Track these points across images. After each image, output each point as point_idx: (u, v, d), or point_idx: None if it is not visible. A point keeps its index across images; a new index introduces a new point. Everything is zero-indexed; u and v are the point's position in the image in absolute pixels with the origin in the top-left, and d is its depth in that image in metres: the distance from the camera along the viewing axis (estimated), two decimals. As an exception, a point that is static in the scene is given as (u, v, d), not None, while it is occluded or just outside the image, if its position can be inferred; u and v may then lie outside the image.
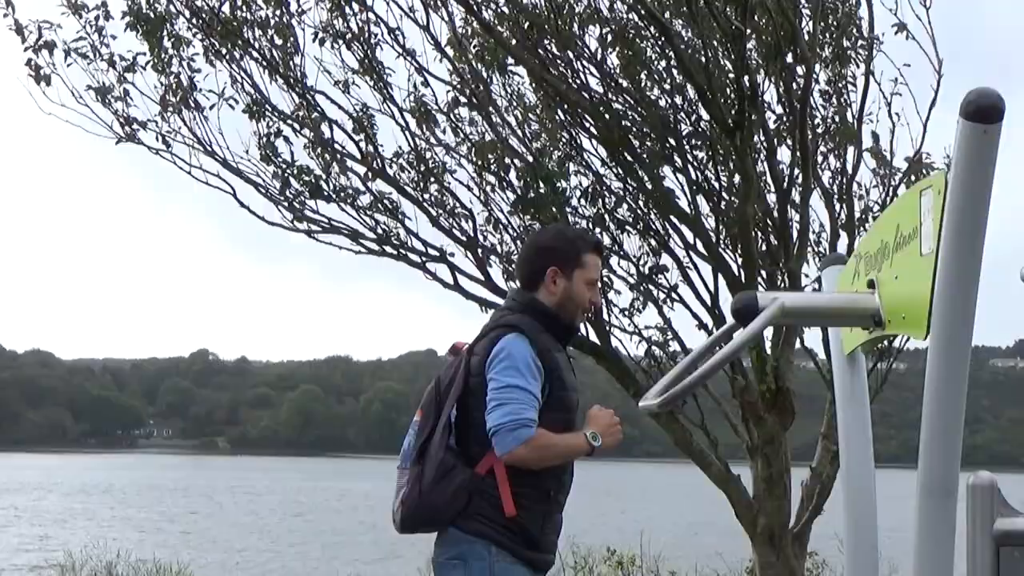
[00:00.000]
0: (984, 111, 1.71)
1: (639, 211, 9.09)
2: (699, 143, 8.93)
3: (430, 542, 3.46)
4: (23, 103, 8.91)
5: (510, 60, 8.90)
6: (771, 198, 8.67)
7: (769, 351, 8.41)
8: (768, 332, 7.89)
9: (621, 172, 8.91)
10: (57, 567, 11.41)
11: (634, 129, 8.83)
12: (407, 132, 9.01)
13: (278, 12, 8.78)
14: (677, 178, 8.94)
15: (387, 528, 3.63)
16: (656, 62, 8.85)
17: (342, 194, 8.94)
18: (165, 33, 8.68)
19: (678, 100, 8.90)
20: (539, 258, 3.54)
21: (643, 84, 8.86)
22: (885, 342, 7.70)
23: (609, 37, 8.79)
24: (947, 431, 1.89)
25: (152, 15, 8.62)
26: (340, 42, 8.89)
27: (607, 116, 8.73)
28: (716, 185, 8.95)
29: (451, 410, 3.35)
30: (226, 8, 8.68)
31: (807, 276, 8.51)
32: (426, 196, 8.99)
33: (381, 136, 8.99)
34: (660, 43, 8.56)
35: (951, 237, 1.79)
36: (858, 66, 8.71)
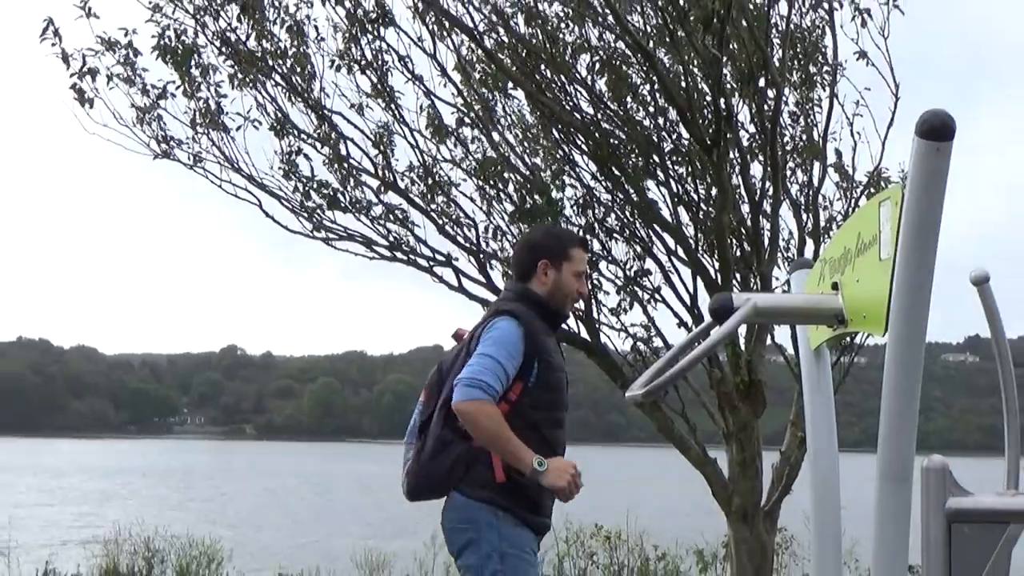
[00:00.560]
0: (937, 130, 1.72)
1: (626, 220, 9.09)
2: (680, 159, 8.93)
3: (435, 516, 3.44)
4: (69, 124, 8.88)
5: (510, 84, 8.92)
6: (745, 208, 8.67)
7: (743, 347, 8.41)
8: (742, 329, 7.89)
9: (609, 185, 8.92)
10: (101, 542, 11.38)
11: (621, 146, 8.84)
12: (416, 149, 9.02)
13: (296, 43, 8.80)
14: (660, 190, 8.94)
15: (397, 505, 3.62)
16: (641, 86, 8.86)
17: (357, 205, 8.94)
18: (194, 63, 8.69)
19: (661, 120, 8.90)
20: (531, 252, 3.55)
21: (629, 106, 8.86)
22: (848, 339, 7.70)
23: (598, 64, 8.80)
24: (903, 419, 1.89)
25: (181, 47, 8.64)
26: (355, 68, 8.91)
27: (597, 134, 8.74)
28: (695, 197, 8.96)
29: (450, 389, 3.32)
30: (251, 42, 8.69)
31: (777, 279, 8.52)
32: (433, 207, 8.99)
33: (391, 154, 9.01)
34: (644, 69, 8.56)
35: (907, 244, 1.79)
36: (823, 90, 8.71)
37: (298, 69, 8.79)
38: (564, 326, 5.18)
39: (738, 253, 8.61)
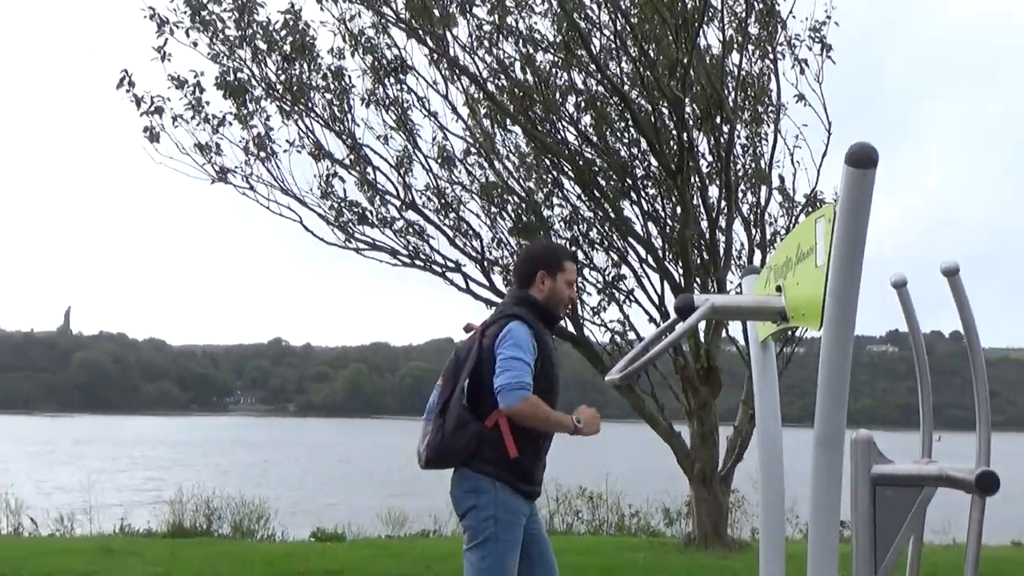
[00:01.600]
0: (862, 159, 1.71)
1: (605, 234, 9.10)
2: (650, 183, 8.94)
3: (445, 482, 3.44)
4: (140, 155, 8.90)
5: (508, 121, 8.93)
6: (704, 224, 8.67)
7: (703, 338, 8.42)
8: (702, 324, 7.89)
9: (591, 204, 8.92)
10: (168, 503, 11.33)
11: (601, 172, 8.85)
12: (430, 174, 9.03)
13: (334, 84, 8.80)
14: (634, 209, 8.96)
15: (415, 470, 3.61)
16: (617, 122, 8.87)
17: (383, 221, 8.95)
18: (247, 98, 8.68)
19: (634, 150, 8.92)
20: (531, 264, 3.54)
21: (608, 138, 8.88)
22: (789, 332, 7.70)
23: (582, 104, 8.81)
24: (836, 398, 1.88)
25: (236, 83, 8.63)
26: (381, 106, 8.92)
27: (581, 162, 8.74)
28: (663, 214, 8.97)
29: (466, 377, 3.33)
30: (294, 83, 8.69)
31: (731, 283, 8.52)
32: (445, 222, 8.99)
33: (411, 177, 9.02)
34: (621, 108, 8.58)
35: (838, 253, 1.79)
36: (769, 126, 8.74)
37: (336, 103, 8.80)
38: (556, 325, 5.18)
39: (698, 261, 8.62)
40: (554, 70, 8.80)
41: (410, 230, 8.93)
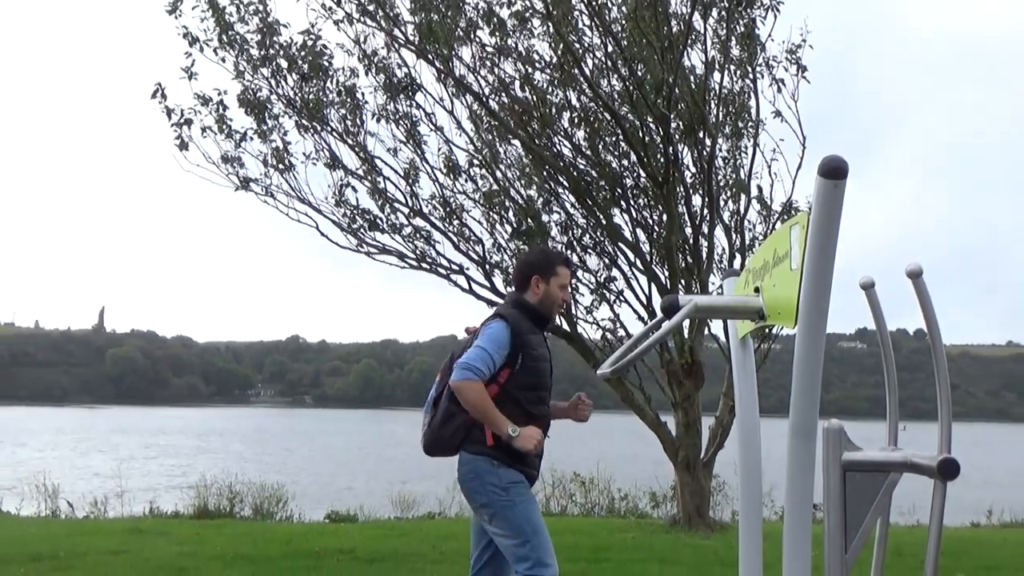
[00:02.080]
0: (834, 171, 1.71)
1: (597, 239, 9.09)
2: (638, 192, 8.93)
3: (449, 467, 3.44)
4: (169, 166, 8.89)
5: (509, 135, 8.92)
6: (688, 231, 8.67)
7: (687, 335, 8.41)
8: (686, 323, 7.89)
9: (585, 212, 8.91)
10: (194, 487, 11.33)
11: (594, 182, 8.84)
12: (436, 183, 9.02)
13: (348, 100, 8.80)
14: (623, 216, 8.95)
15: (422, 457, 3.61)
16: (609, 136, 8.86)
17: (392, 227, 8.94)
18: (266, 114, 8.68)
19: (624, 162, 8.91)
20: (527, 269, 3.54)
21: (600, 151, 8.87)
22: (766, 330, 7.71)
23: (577, 120, 8.81)
24: (809, 391, 1.89)
25: (257, 101, 8.63)
26: (391, 121, 8.92)
27: (575, 173, 8.74)
28: (650, 221, 8.96)
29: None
30: (311, 98, 8.69)
31: (713, 284, 8.52)
32: (450, 228, 8.98)
33: (418, 186, 9.01)
34: (611, 124, 8.57)
35: (812, 257, 1.79)
36: (748, 140, 8.73)
37: (349, 118, 8.80)
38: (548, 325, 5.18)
39: (683, 264, 8.61)
40: (550, 88, 8.79)
41: (417, 235, 8.93)
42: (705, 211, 8.53)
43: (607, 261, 9.06)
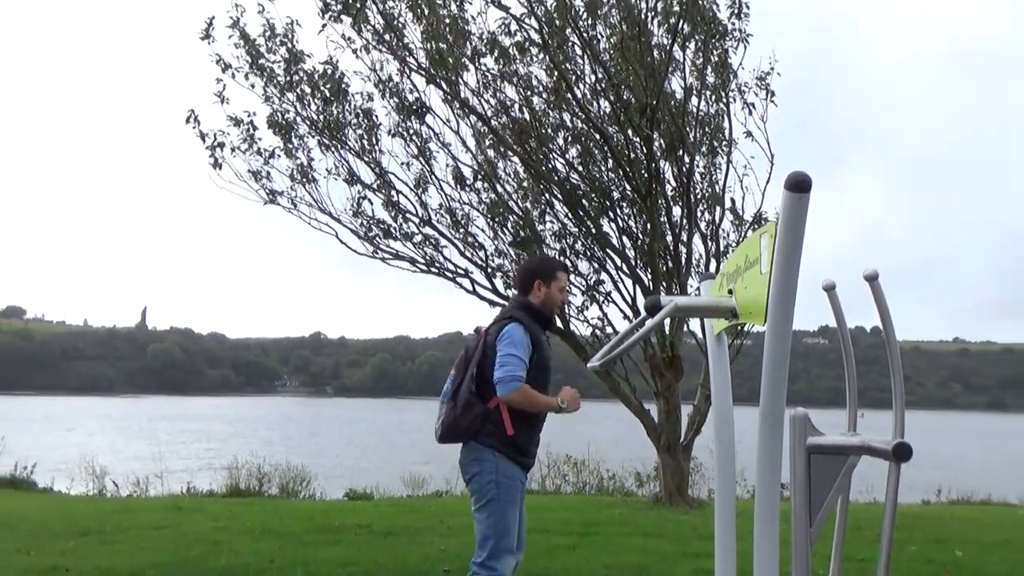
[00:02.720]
0: (798, 185, 1.72)
1: (587, 246, 9.09)
2: (625, 204, 8.93)
3: (456, 452, 3.44)
4: (205, 181, 8.90)
5: (509, 152, 8.93)
6: (669, 238, 8.67)
7: (668, 332, 8.41)
8: (667, 321, 7.89)
9: (576, 222, 8.91)
10: (226, 468, 11.32)
11: (585, 195, 8.84)
12: (444, 195, 9.02)
13: (365, 121, 8.80)
14: (611, 226, 8.95)
15: (431, 442, 3.60)
16: (598, 154, 8.87)
17: (404, 236, 8.94)
18: (292, 134, 8.69)
19: (612, 177, 8.91)
20: (529, 275, 3.54)
21: (590, 167, 8.87)
22: (739, 327, 7.70)
23: (569, 138, 8.81)
24: (777, 382, 1.88)
25: (284, 123, 8.64)
26: (403, 139, 8.91)
27: (568, 187, 8.74)
28: (635, 230, 8.96)
29: (474, 368, 3.34)
30: (332, 120, 8.70)
31: (691, 286, 8.51)
32: (456, 236, 8.99)
33: (427, 198, 9.02)
34: (601, 142, 8.57)
35: (779, 262, 1.79)
36: (722, 158, 8.73)
37: (366, 137, 8.81)
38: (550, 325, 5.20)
39: (664, 269, 8.62)
40: (546, 110, 8.80)
41: (427, 243, 8.93)
42: (684, 221, 8.53)
43: (597, 266, 9.07)
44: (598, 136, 8.44)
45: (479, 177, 9.05)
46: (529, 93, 8.66)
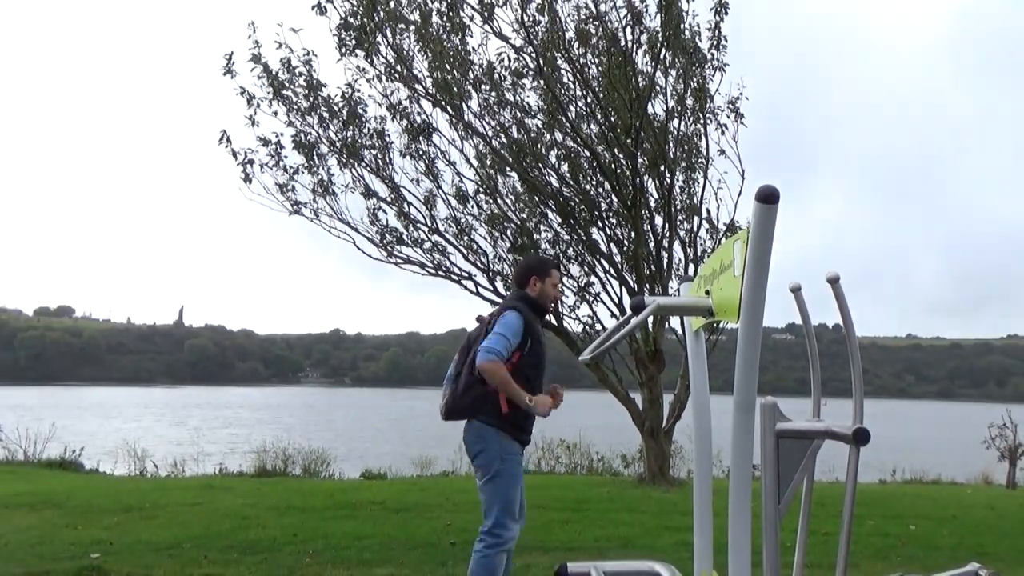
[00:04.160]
0: (768, 197, 1.72)
1: (578, 252, 9.08)
2: (612, 214, 8.93)
3: (461, 435, 3.42)
4: (236, 193, 8.88)
5: (507, 168, 8.92)
6: (652, 245, 8.67)
7: (651, 328, 8.41)
8: (650, 319, 7.89)
9: (569, 230, 8.91)
10: (254, 451, 11.31)
11: (576, 207, 8.84)
12: (450, 207, 9.02)
13: (379, 142, 8.80)
14: (600, 234, 8.94)
15: (438, 426, 3.59)
16: (588, 170, 8.86)
17: (415, 243, 8.93)
18: (315, 153, 8.68)
19: (600, 190, 8.91)
20: (527, 271, 3.53)
21: (581, 181, 8.87)
22: (715, 324, 7.68)
23: (562, 156, 8.81)
24: (749, 374, 1.88)
25: (307, 143, 8.63)
26: (414, 158, 8.91)
27: (561, 199, 8.74)
28: (621, 238, 8.95)
29: (475, 353, 3.29)
30: (349, 139, 8.69)
31: (672, 288, 8.51)
32: (461, 243, 8.98)
33: (435, 210, 9.01)
34: (590, 159, 8.57)
35: (751, 266, 1.79)
36: (699, 173, 8.73)
37: (380, 156, 8.80)
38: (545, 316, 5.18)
39: (648, 272, 8.61)
40: (541, 131, 8.80)
41: (435, 249, 8.93)
42: (665, 229, 8.53)
43: (587, 269, 9.06)
44: (588, 154, 8.44)
45: (481, 191, 9.05)
46: (523, 116, 8.66)
